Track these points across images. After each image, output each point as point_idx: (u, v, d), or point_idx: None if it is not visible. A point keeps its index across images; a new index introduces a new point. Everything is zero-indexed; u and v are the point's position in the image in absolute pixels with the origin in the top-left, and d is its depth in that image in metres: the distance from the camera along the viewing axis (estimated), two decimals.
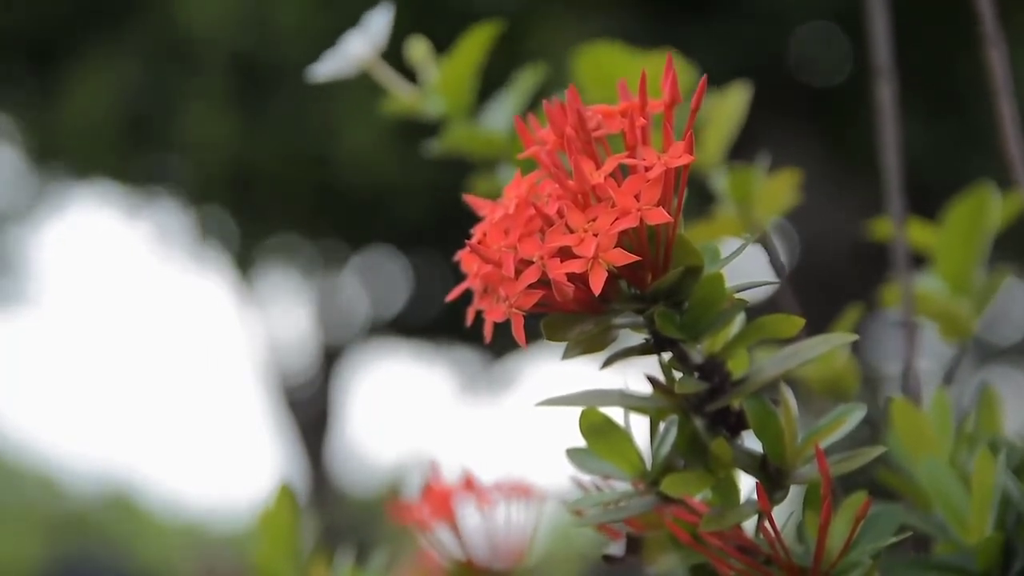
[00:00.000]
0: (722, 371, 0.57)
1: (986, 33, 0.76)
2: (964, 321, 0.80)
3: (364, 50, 0.82)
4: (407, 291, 5.42)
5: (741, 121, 0.83)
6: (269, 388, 6.07)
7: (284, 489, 0.80)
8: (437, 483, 0.82)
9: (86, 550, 6.71)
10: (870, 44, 0.82)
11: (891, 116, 0.81)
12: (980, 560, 0.60)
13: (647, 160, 0.53)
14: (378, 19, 0.83)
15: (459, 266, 0.56)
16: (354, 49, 0.82)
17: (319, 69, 0.83)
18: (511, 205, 0.54)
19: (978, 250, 0.80)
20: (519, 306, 0.52)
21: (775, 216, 0.83)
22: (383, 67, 0.83)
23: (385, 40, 0.82)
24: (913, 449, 0.67)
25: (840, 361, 0.84)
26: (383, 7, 0.83)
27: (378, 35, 0.82)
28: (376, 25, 0.82)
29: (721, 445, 0.56)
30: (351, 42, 0.83)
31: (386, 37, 0.82)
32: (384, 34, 0.82)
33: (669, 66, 0.56)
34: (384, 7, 0.83)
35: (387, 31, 0.82)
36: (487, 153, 0.84)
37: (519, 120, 0.57)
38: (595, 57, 0.81)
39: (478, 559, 0.82)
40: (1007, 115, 0.75)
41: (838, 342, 0.58)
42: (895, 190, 0.80)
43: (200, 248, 5.20)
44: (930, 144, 3.66)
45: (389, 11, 0.83)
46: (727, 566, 0.57)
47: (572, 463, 0.60)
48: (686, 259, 0.54)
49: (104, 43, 4.27)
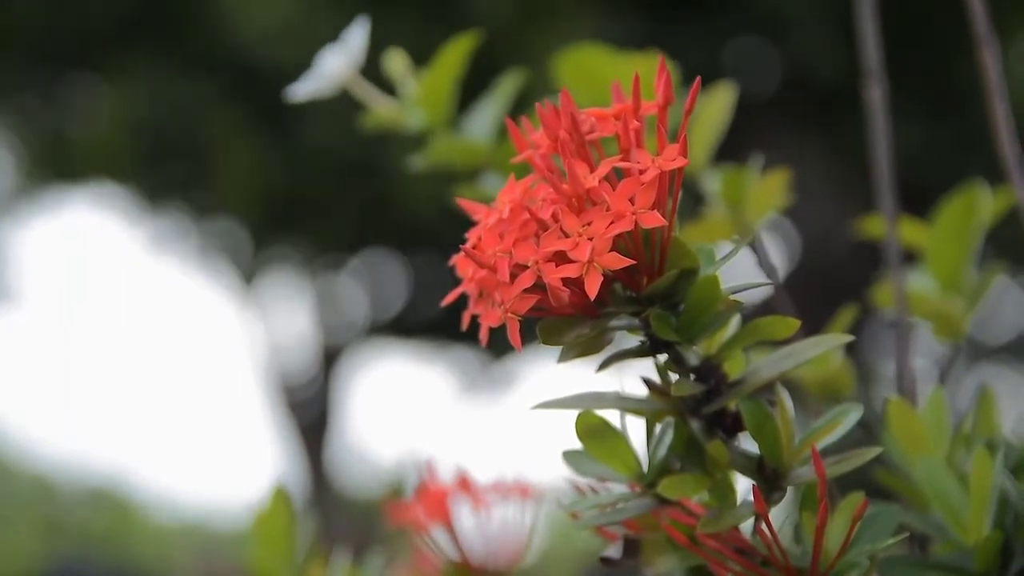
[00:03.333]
0: (718, 373, 0.57)
1: (979, 34, 0.76)
2: (957, 320, 0.80)
3: (341, 67, 0.81)
4: (406, 292, 5.42)
5: (728, 121, 0.83)
6: (269, 388, 6.07)
7: (280, 490, 0.80)
8: (433, 483, 0.82)
9: (83, 550, 6.71)
10: (860, 46, 0.82)
11: (881, 117, 0.81)
12: (978, 560, 0.60)
13: (641, 163, 0.53)
14: (355, 35, 0.82)
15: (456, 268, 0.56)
16: (331, 67, 0.81)
17: (298, 89, 0.82)
18: (506, 209, 0.54)
19: (969, 249, 0.80)
20: (515, 311, 0.52)
21: (767, 217, 0.83)
22: (361, 83, 0.82)
23: (362, 56, 0.81)
24: (910, 449, 0.67)
25: (836, 362, 0.84)
26: (359, 22, 0.82)
27: (355, 51, 0.81)
28: (353, 41, 0.82)
29: (718, 447, 0.56)
30: (328, 60, 0.82)
31: (363, 53, 0.81)
32: (361, 50, 0.81)
33: (662, 68, 0.56)
34: (360, 22, 0.82)
35: (364, 46, 0.81)
36: (469, 163, 0.83)
37: (511, 123, 0.57)
38: (578, 59, 0.81)
39: (474, 559, 0.82)
40: (1001, 115, 0.75)
41: (833, 343, 0.58)
42: (887, 190, 0.80)
43: (203, 254, 5.20)
44: (925, 144, 3.66)
45: (365, 27, 0.82)
46: (724, 568, 0.57)
47: (569, 466, 0.61)
48: (681, 261, 0.54)
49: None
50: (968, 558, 0.61)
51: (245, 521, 0.84)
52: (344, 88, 0.82)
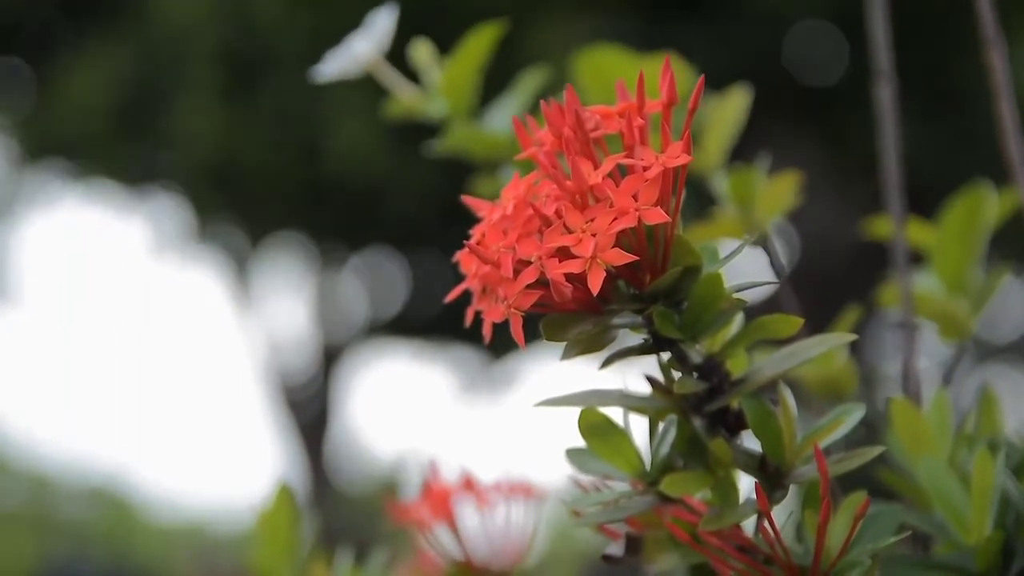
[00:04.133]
0: (721, 371, 0.57)
1: (986, 35, 0.76)
2: (962, 321, 0.80)
3: (368, 51, 0.82)
4: (406, 291, 5.42)
5: (742, 124, 0.83)
6: (269, 388, 6.07)
7: (283, 489, 0.80)
8: (436, 483, 0.82)
9: (82, 550, 6.71)
10: (869, 47, 0.82)
11: (891, 118, 0.81)
12: (980, 560, 0.60)
13: (645, 160, 0.53)
14: (382, 20, 0.82)
15: (458, 265, 0.56)
16: (358, 50, 0.82)
17: (323, 69, 0.83)
18: (509, 206, 0.54)
19: (975, 249, 0.80)
20: (518, 306, 0.52)
21: (776, 217, 0.83)
22: (386, 68, 0.83)
23: (388, 41, 0.82)
24: (913, 449, 0.67)
25: (839, 361, 0.84)
26: (388, 8, 0.83)
27: (382, 36, 0.82)
28: (380, 26, 0.82)
29: (720, 445, 0.56)
30: (355, 43, 0.82)
31: (390, 38, 0.82)
32: (388, 35, 0.82)
33: (667, 67, 0.56)
34: (388, 8, 0.83)
35: (391, 32, 0.82)
36: (489, 155, 0.84)
37: (517, 121, 0.57)
38: (596, 60, 0.81)
39: (477, 559, 0.82)
40: (1007, 116, 0.75)
41: (836, 342, 0.58)
42: (895, 191, 0.80)
43: (198, 247, 5.20)
44: (931, 145, 3.66)
45: (393, 12, 0.83)
46: (726, 566, 0.57)
47: (572, 463, 0.61)
48: (685, 259, 0.54)
49: (96, 36, 4.28)
50: (969, 558, 0.61)
51: (245, 521, 0.84)
52: (368, 72, 0.82)
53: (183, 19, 4.03)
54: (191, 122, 4.13)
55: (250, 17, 3.95)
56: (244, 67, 4.06)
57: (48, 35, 4.49)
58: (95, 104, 4.28)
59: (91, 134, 4.39)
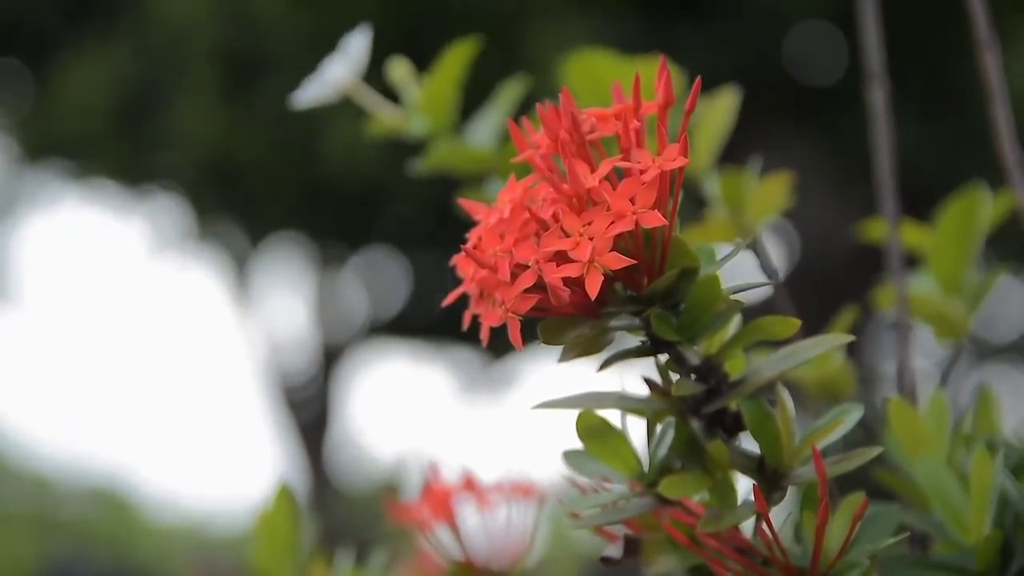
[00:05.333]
0: (719, 373, 0.57)
1: (980, 37, 0.76)
2: (958, 322, 0.80)
3: (344, 74, 0.81)
4: (406, 291, 5.42)
5: (731, 125, 0.83)
6: (269, 388, 6.07)
7: (284, 490, 0.80)
8: (437, 483, 0.82)
9: (82, 550, 6.70)
10: (862, 49, 0.82)
11: (884, 120, 0.81)
12: (978, 559, 0.61)
13: (642, 163, 0.53)
14: (356, 42, 0.82)
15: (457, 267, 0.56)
16: (334, 74, 0.81)
17: (301, 96, 0.82)
18: (506, 209, 0.54)
19: (970, 251, 0.80)
20: (515, 310, 0.52)
21: (768, 219, 0.83)
22: (364, 90, 0.82)
23: (364, 63, 0.81)
24: (911, 449, 0.67)
25: (836, 362, 0.85)
26: (360, 30, 0.82)
27: (357, 58, 0.81)
28: (354, 48, 0.82)
29: (718, 447, 0.56)
30: (330, 67, 0.82)
31: (365, 60, 0.81)
32: (363, 57, 0.81)
33: (663, 68, 0.56)
34: (361, 30, 0.82)
35: (366, 54, 0.81)
36: (473, 169, 0.83)
37: (512, 124, 0.57)
38: (586, 63, 0.81)
39: (477, 559, 0.82)
40: (1002, 118, 0.75)
41: (834, 343, 0.58)
42: (889, 192, 0.80)
43: (197, 246, 5.20)
44: (930, 145, 3.66)
45: (367, 34, 0.82)
46: (725, 567, 0.57)
47: (569, 465, 0.61)
48: (682, 261, 0.54)
49: (95, 36, 4.29)
50: (968, 558, 0.61)
51: (245, 521, 0.84)
52: (346, 95, 0.82)
53: (182, 19, 4.04)
54: (190, 122, 4.13)
55: (250, 17, 3.96)
56: (243, 67, 4.06)
57: (47, 35, 4.50)
58: (94, 104, 4.28)
59: (90, 134, 4.40)
